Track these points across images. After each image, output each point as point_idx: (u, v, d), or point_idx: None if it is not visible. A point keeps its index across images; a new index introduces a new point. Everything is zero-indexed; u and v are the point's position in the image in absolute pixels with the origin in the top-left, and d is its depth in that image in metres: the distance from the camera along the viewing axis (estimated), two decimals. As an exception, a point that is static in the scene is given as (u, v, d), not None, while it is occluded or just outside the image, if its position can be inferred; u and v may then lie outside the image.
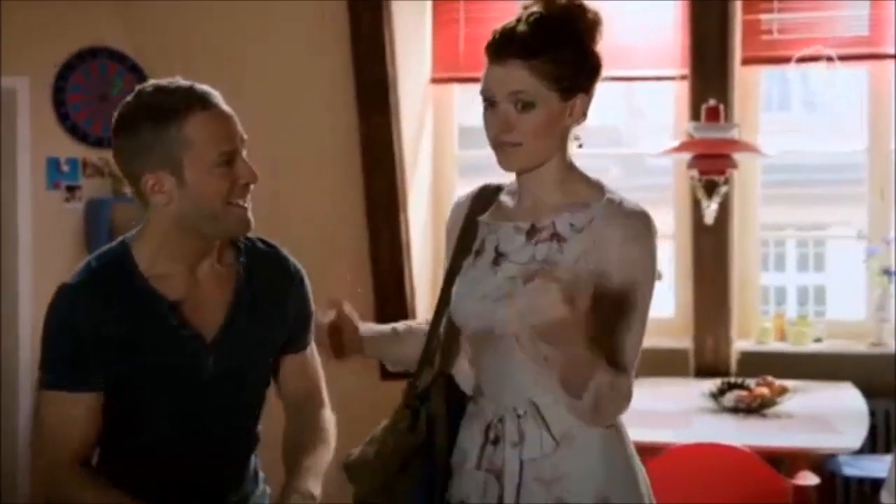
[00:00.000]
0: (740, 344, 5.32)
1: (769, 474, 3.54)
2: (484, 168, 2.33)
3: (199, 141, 1.99)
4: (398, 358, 2.24)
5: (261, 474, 2.33)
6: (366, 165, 5.42)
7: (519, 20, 1.98)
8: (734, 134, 4.80)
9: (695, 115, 4.92)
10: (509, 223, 2.04)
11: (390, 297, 5.53)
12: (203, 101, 2.01)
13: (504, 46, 1.96)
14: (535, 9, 1.98)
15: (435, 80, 5.63)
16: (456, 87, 5.65)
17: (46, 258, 5.47)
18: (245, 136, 2.07)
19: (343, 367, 6.40)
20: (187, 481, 2.14)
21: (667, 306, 5.56)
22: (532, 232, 2.02)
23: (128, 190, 2.10)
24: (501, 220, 2.06)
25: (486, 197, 2.11)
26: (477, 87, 2.05)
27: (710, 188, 4.87)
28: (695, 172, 4.84)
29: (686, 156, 4.86)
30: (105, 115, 5.52)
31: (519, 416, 2.02)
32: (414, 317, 5.55)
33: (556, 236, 1.99)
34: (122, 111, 2.06)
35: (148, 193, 2.05)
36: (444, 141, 5.73)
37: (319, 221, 5.61)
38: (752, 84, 5.31)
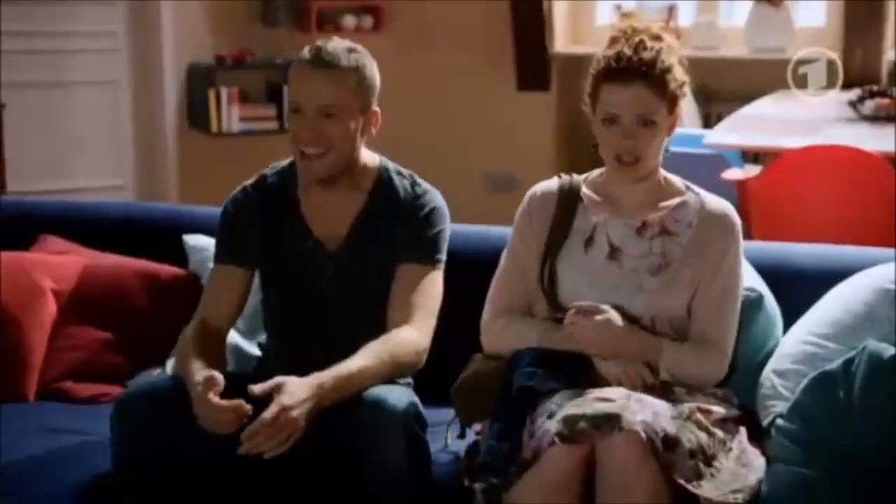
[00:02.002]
0: (892, 55, 5.15)
1: None
2: None
3: (290, 86, 2.39)
4: None
5: None
6: None
7: (632, 47, 2.21)
8: None
9: None
10: (619, 220, 2.30)
11: (529, 28, 5.55)
12: (310, 57, 2.35)
13: (627, 71, 2.20)
14: (639, 37, 2.21)
15: None
16: None
17: None
18: (333, 104, 2.33)
19: (479, 77, 6.37)
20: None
21: (817, 15, 5.41)
22: (643, 228, 2.29)
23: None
24: (605, 214, 2.30)
25: (571, 189, 2.34)
26: None
27: None
28: None
29: None
30: None
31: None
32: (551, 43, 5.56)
33: (665, 231, 2.28)
34: None
35: None
36: None
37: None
38: None
